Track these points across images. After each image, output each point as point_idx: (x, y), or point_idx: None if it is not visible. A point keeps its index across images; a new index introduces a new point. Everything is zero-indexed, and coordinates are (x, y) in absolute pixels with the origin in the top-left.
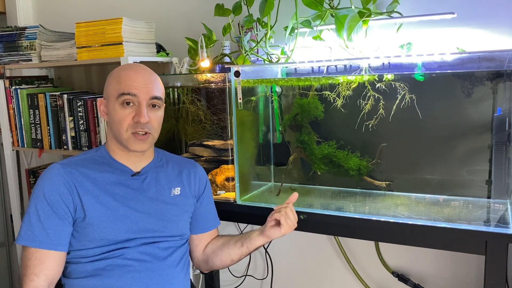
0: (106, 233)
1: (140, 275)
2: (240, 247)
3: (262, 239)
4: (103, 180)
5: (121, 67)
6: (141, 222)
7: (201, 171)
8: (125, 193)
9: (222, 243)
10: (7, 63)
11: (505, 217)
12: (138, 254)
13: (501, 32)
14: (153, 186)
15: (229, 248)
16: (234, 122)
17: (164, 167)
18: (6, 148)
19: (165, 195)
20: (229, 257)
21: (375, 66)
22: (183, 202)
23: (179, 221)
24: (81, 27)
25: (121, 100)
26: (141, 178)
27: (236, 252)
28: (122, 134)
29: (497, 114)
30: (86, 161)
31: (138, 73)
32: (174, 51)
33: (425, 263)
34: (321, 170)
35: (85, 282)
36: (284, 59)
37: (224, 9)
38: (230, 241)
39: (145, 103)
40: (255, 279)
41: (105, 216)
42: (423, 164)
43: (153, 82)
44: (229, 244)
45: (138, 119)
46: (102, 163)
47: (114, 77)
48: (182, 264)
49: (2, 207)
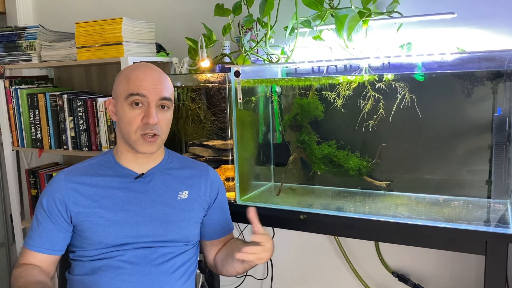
0: (104, 237)
1: (130, 278)
2: (241, 262)
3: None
4: (105, 185)
5: (131, 66)
6: (141, 226)
7: (214, 176)
8: (127, 197)
9: (228, 253)
10: (7, 63)
11: (505, 217)
12: (133, 257)
13: (501, 32)
14: (158, 188)
15: (233, 263)
16: (234, 122)
17: (173, 170)
18: (6, 148)
19: (171, 198)
20: (234, 270)
21: (375, 66)
22: (190, 206)
23: (184, 226)
24: (81, 27)
25: (130, 100)
26: (145, 180)
27: (239, 266)
28: (130, 135)
29: (497, 114)
30: (91, 167)
31: (148, 74)
32: (174, 51)
33: (425, 263)
34: (321, 170)
35: (83, 279)
36: (284, 59)
37: (224, 9)
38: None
39: (154, 104)
40: (255, 279)
41: (103, 221)
42: (423, 164)
43: (162, 83)
44: (233, 258)
45: (147, 120)
46: (106, 168)
47: (123, 77)
48: (182, 271)
49: (2, 207)
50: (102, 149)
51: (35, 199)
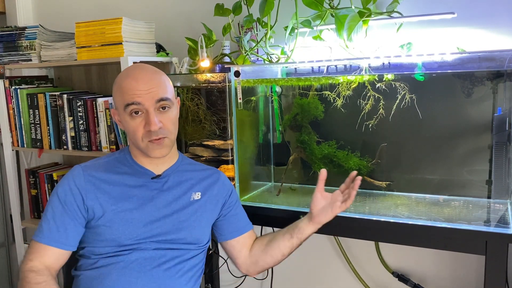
0: (118, 235)
1: (136, 280)
2: (289, 238)
3: (312, 226)
4: (123, 182)
5: (122, 75)
6: (154, 225)
7: (225, 179)
8: (143, 195)
9: (269, 240)
10: (7, 63)
11: (505, 217)
12: (142, 259)
13: (501, 32)
14: (173, 189)
15: (278, 242)
16: (234, 122)
17: (186, 171)
18: (6, 148)
19: (185, 199)
20: (280, 251)
21: (375, 66)
22: (203, 207)
23: (196, 226)
24: (81, 27)
25: (128, 111)
26: (162, 181)
27: (286, 245)
28: (139, 143)
29: (497, 114)
30: (108, 163)
31: (139, 79)
32: (174, 51)
33: (425, 263)
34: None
35: (90, 273)
36: (284, 59)
37: (224, 9)
38: (276, 236)
39: (152, 109)
40: (255, 279)
41: (118, 218)
42: (423, 164)
43: (156, 85)
44: (277, 238)
45: (149, 128)
46: (124, 166)
47: (118, 87)
48: (190, 276)
49: (2, 207)
50: (102, 149)
51: (35, 199)
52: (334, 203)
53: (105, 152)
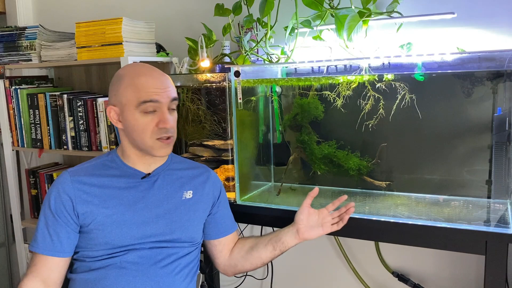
0: (111, 238)
1: (134, 279)
2: (272, 250)
3: (296, 240)
4: (112, 185)
5: (131, 72)
6: (148, 226)
7: (215, 177)
8: (134, 197)
9: (250, 247)
10: (7, 63)
11: (505, 217)
12: (138, 258)
13: (501, 32)
14: (164, 188)
15: (259, 252)
16: (234, 122)
17: (176, 170)
18: (6, 148)
19: (176, 198)
20: (260, 260)
21: (375, 66)
22: (195, 206)
23: (189, 225)
24: (81, 27)
25: (142, 108)
26: (152, 179)
27: (267, 255)
28: (145, 141)
29: (497, 114)
30: (96, 167)
31: (155, 78)
32: (174, 51)
33: (425, 263)
34: (321, 170)
35: (86, 278)
36: (284, 59)
37: (224, 9)
38: (258, 244)
39: (166, 108)
40: (255, 279)
41: (110, 221)
42: (423, 164)
43: (170, 84)
44: (259, 247)
45: (164, 125)
46: (112, 168)
47: (129, 85)
48: (186, 273)
49: (2, 207)
50: (102, 149)
51: (35, 199)
52: (324, 223)
53: (106, 152)
